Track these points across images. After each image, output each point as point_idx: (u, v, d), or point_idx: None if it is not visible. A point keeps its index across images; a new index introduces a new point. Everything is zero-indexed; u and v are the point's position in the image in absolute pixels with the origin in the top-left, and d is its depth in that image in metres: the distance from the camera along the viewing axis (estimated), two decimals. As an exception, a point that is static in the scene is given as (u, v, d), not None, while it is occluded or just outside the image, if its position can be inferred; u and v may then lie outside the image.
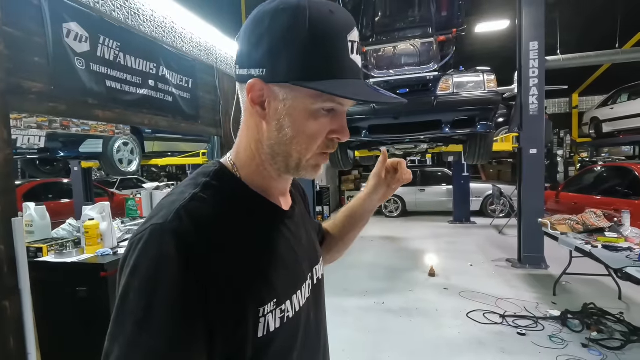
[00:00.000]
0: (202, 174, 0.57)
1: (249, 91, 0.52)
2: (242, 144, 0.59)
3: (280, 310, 0.54)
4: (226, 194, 0.55)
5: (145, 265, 0.45)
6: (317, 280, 0.69)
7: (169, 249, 0.45)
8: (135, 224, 2.90)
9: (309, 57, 0.49)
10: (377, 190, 0.87)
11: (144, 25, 3.27)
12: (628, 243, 2.98)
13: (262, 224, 0.57)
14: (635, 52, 7.36)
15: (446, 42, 3.78)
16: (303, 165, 0.56)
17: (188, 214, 0.49)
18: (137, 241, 0.48)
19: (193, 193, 0.52)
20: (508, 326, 3.17)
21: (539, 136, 4.72)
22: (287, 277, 0.57)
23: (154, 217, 0.50)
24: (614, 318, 3.13)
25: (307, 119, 0.52)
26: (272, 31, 0.50)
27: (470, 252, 5.74)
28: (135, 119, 3.17)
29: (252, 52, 0.52)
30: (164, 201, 0.54)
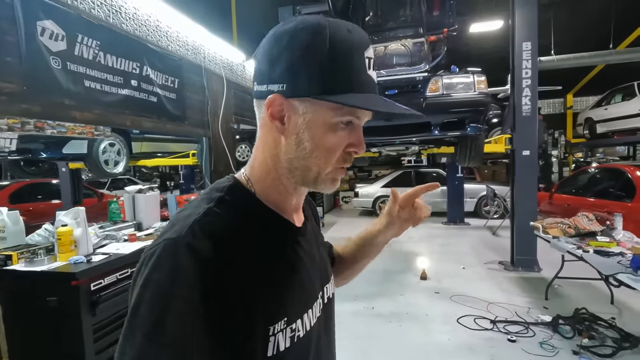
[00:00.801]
0: (216, 189, 0.58)
1: (268, 106, 0.53)
2: (257, 159, 0.59)
3: (290, 329, 0.54)
4: (240, 209, 0.55)
5: (158, 278, 0.46)
6: (327, 299, 0.68)
7: (183, 262, 0.46)
8: (115, 228, 2.81)
9: (329, 73, 0.50)
10: (390, 227, 0.86)
11: (126, 23, 3.17)
12: (620, 247, 2.94)
13: (274, 240, 0.57)
14: (628, 53, 7.36)
15: (437, 42, 3.71)
16: (321, 179, 0.56)
17: (202, 228, 0.49)
18: (150, 255, 0.48)
19: (207, 207, 0.52)
20: (498, 332, 3.12)
21: (532, 137, 4.66)
22: (298, 296, 0.57)
23: (167, 231, 0.51)
24: (605, 323, 3.08)
25: (326, 133, 0.53)
26: (292, 48, 0.51)
27: (463, 254, 5.69)
28: (116, 120, 3.08)
29: (271, 68, 0.53)
30: (178, 216, 0.54)
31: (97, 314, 2.03)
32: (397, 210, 0.85)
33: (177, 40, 3.90)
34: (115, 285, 2.18)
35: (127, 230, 2.88)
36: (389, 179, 9.65)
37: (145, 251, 0.50)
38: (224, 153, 4.64)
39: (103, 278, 2.11)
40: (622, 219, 4.07)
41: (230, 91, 5.04)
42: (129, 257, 2.32)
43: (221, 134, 4.54)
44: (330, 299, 0.70)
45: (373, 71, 0.54)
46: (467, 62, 8.82)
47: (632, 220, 4.04)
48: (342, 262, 0.90)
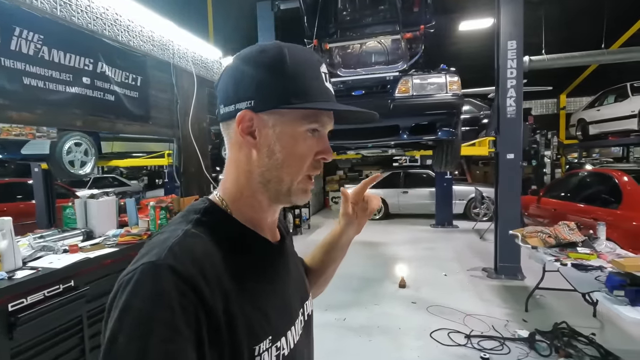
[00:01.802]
0: (192, 211, 0.58)
1: (239, 122, 0.55)
2: (229, 179, 0.60)
3: (275, 347, 0.54)
4: (218, 230, 0.55)
5: (137, 305, 0.44)
6: (307, 316, 0.68)
7: (165, 285, 0.44)
8: (58, 237, 2.61)
9: (293, 84, 0.54)
10: (350, 226, 0.88)
11: (77, 16, 2.96)
12: (600, 260, 2.76)
13: (254, 259, 0.57)
14: (620, 53, 7.19)
15: (414, 40, 3.52)
16: (294, 190, 0.58)
17: (183, 249, 0.48)
18: (127, 282, 0.46)
19: (185, 229, 0.52)
20: (472, 348, 2.94)
21: (517, 140, 4.49)
22: (281, 314, 0.58)
23: (144, 255, 0.49)
24: (585, 339, 2.92)
25: (296, 142, 0.56)
26: (257, 68, 0.55)
27: (447, 259, 5.52)
28: (63, 120, 2.86)
29: (237, 89, 0.56)
30: (154, 240, 0.53)
31: (16, 337, 1.83)
32: (350, 208, 0.86)
33: (140, 35, 3.68)
34: (41, 303, 1.98)
35: (73, 239, 2.68)
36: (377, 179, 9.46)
37: (120, 278, 0.48)
38: (195, 154, 4.43)
39: (26, 297, 1.91)
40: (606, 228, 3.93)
41: (204, 89, 4.82)
42: (62, 272, 2.12)
43: (192, 135, 4.33)
44: (310, 315, 0.70)
45: (329, 84, 0.58)
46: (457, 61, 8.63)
47: (618, 228, 3.87)
48: (313, 272, 0.90)
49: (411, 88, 2.80)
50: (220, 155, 10.59)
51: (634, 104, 7.67)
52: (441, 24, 7.75)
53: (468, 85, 9.20)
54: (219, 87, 0.59)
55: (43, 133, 2.74)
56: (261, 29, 5.07)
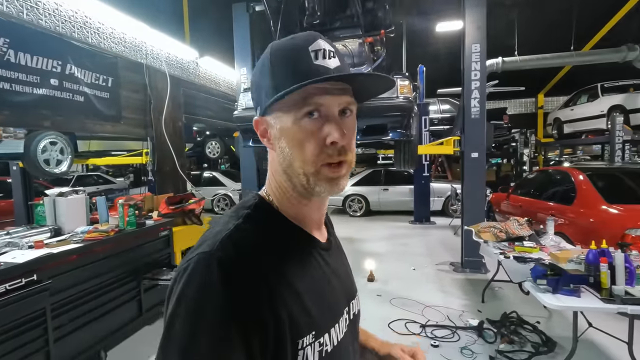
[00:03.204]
0: (242, 206, 0.61)
1: (256, 129, 0.61)
2: (269, 177, 0.64)
3: (319, 343, 0.55)
4: (266, 225, 0.58)
5: (191, 294, 0.48)
6: (353, 315, 0.68)
7: (214, 277, 0.48)
8: (24, 234, 2.71)
9: (277, 78, 0.56)
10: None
11: (44, 19, 3.05)
12: (542, 253, 2.95)
13: (300, 254, 0.59)
14: (588, 55, 7.45)
15: (376, 44, 3.67)
16: (314, 180, 0.56)
17: (233, 243, 0.52)
18: (183, 271, 0.51)
19: (236, 224, 0.55)
20: (425, 337, 3.12)
21: (481, 140, 4.68)
22: (325, 310, 0.58)
23: (199, 246, 0.53)
24: (530, 327, 3.12)
25: (295, 131, 0.56)
26: (255, 75, 0.60)
27: (419, 254, 5.71)
28: (30, 121, 2.96)
29: (253, 99, 0.62)
30: (208, 232, 0.57)
31: (-25, 328, 1.94)
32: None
33: (111, 37, 3.78)
34: (3, 296, 2.09)
35: (40, 236, 2.78)
36: (359, 177, 9.64)
37: (179, 267, 0.53)
38: (169, 153, 4.54)
39: (-14, 290, 2.02)
40: (562, 224, 4.15)
41: (179, 89, 4.92)
42: (24, 267, 2.23)
43: (166, 134, 4.44)
44: (356, 315, 0.70)
45: (324, 59, 0.55)
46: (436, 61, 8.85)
47: (571, 224, 4.09)
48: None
49: (364, 91, 2.94)
50: (204, 152, 10.63)
51: (604, 104, 7.96)
52: (418, 25, 7.95)
53: (447, 85, 9.43)
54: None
55: (10, 133, 2.83)
56: (236, 30, 5.17)
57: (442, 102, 9.49)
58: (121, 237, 3.03)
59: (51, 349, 2.35)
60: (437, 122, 9.31)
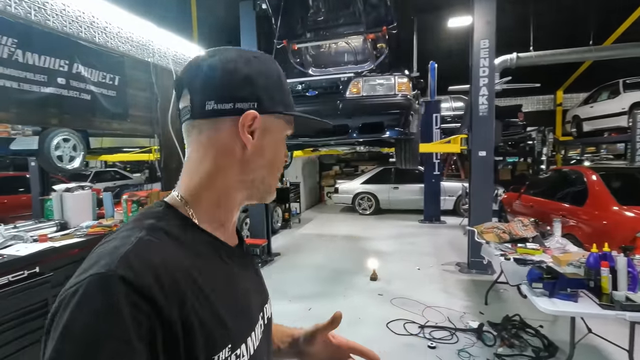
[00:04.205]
0: (146, 215, 0.55)
1: (243, 121, 0.57)
2: (199, 179, 0.58)
3: (235, 355, 0.52)
4: (176, 236, 0.52)
5: (83, 322, 0.40)
6: (267, 319, 0.67)
7: (117, 299, 0.41)
8: (31, 228, 2.81)
9: (288, 94, 0.63)
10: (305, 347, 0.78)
11: (52, 20, 3.15)
12: (545, 255, 2.87)
13: (215, 265, 0.56)
14: (607, 50, 7.14)
15: (378, 40, 3.62)
16: (273, 188, 0.64)
17: (138, 259, 0.45)
18: (71, 296, 0.42)
19: (139, 237, 0.48)
20: (423, 338, 3.08)
21: (489, 138, 4.56)
22: (241, 320, 0.56)
23: (92, 266, 0.44)
24: (532, 331, 3.04)
25: (281, 145, 0.62)
26: (264, 72, 0.59)
27: (425, 254, 5.63)
28: (38, 119, 3.07)
29: (234, 88, 0.57)
30: (102, 248, 0.49)
31: (-23, 318, 2.03)
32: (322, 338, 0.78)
33: (118, 36, 3.87)
34: (6, 287, 2.18)
35: (46, 230, 2.89)
36: (369, 175, 9.58)
37: (62, 293, 0.44)
38: (176, 151, 4.62)
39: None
40: (572, 226, 4.01)
41: (186, 87, 5.00)
42: (27, 259, 2.32)
43: (172, 132, 4.51)
44: (270, 319, 0.69)
45: None
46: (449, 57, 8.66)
47: (582, 225, 3.95)
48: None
49: (362, 89, 2.93)
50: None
51: (625, 101, 7.61)
52: (429, 21, 7.79)
53: (459, 82, 9.22)
54: (201, 82, 0.57)
55: (18, 131, 2.94)
56: (243, 28, 5.21)
57: (454, 100, 9.30)
58: (124, 232, 3.10)
59: (53, 338, 2.43)
60: (450, 120, 9.13)
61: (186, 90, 0.58)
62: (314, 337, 0.77)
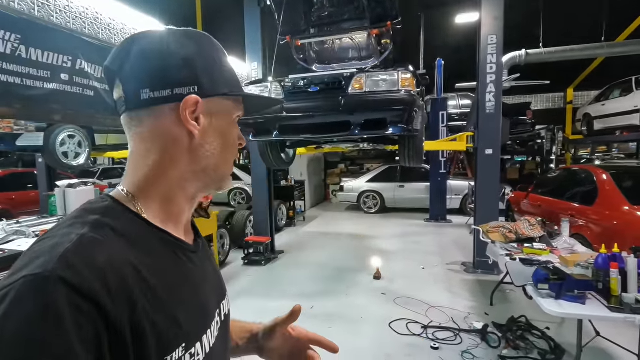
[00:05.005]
0: (89, 210, 0.50)
1: (184, 107, 0.53)
2: (144, 171, 0.54)
3: (190, 354, 0.50)
4: (123, 233, 0.49)
5: (14, 329, 0.36)
6: (224, 316, 0.65)
7: (56, 302, 0.37)
8: (33, 223, 2.83)
9: (231, 73, 0.58)
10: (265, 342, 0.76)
11: (55, 16, 3.15)
12: (552, 255, 2.79)
13: (167, 262, 0.52)
14: (620, 47, 6.97)
15: (382, 36, 3.56)
16: (227, 176, 0.61)
17: (80, 258, 0.41)
18: (1, 299, 0.38)
19: (81, 234, 0.44)
20: (426, 338, 3.03)
21: (495, 136, 4.48)
22: (196, 317, 0.54)
23: (27, 265, 0.40)
24: (538, 333, 2.97)
25: (232, 128, 0.59)
26: (199, 53, 0.55)
27: (430, 253, 5.57)
28: (42, 114, 3.08)
29: (169, 72, 0.53)
30: (38, 247, 0.44)
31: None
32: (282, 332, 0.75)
33: (122, 32, 3.87)
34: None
35: (48, 225, 2.90)
36: (374, 173, 9.51)
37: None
38: (180, 147, 4.63)
39: (-10, 275, 2.13)
40: (575, 226, 3.92)
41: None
42: (27, 254, 2.33)
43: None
44: (227, 315, 0.67)
45: None
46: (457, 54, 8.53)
47: (592, 225, 3.86)
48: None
49: (364, 85, 2.88)
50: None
51: (638, 99, 7.43)
52: (436, 17, 7.70)
53: (466, 79, 9.09)
54: (132, 70, 0.53)
55: (21, 127, 2.96)
56: (248, 24, 5.18)
57: (461, 97, 9.18)
58: (125, 228, 3.11)
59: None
60: (457, 118, 9.02)
61: (118, 80, 0.54)
62: (274, 332, 0.75)
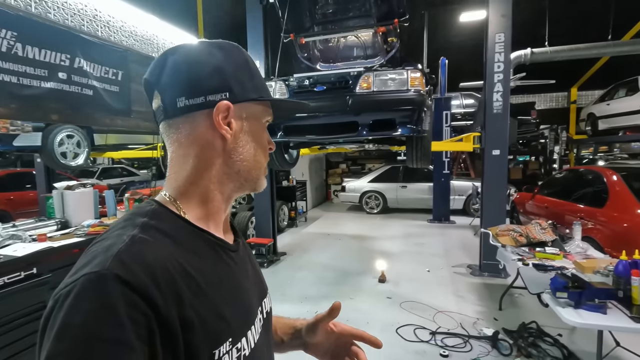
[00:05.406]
0: (138, 214, 0.54)
1: (217, 113, 0.56)
2: (183, 175, 0.58)
3: (236, 349, 0.53)
4: (169, 233, 0.52)
5: (79, 322, 0.39)
6: (266, 314, 0.67)
7: (111, 297, 0.41)
8: (30, 227, 2.74)
9: (259, 80, 0.62)
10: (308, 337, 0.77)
11: (53, 13, 3.06)
12: (566, 260, 2.71)
13: (210, 261, 0.55)
14: (627, 45, 6.87)
15: (389, 34, 3.47)
16: (261, 177, 0.63)
17: (132, 257, 0.45)
18: (65, 296, 0.41)
19: (132, 235, 0.48)
20: (435, 345, 2.95)
21: (503, 136, 4.39)
22: (241, 314, 0.57)
23: (86, 265, 0.44)
24: (551, 340, 2.88)
25: (262, 131, 0.62)
26: (229, 62, 0.58)
27: (435, 255, 5.48)
28: (39, 114, 2.98)
29: (202, 81, 0.56)
30: (95, 247, 0.48)
31: (-28, 320, 1.95)
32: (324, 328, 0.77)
33: (121, 30, 3.77)
34: (1, 289, 2.10)
35: (45, 228, 2.81)
36: (376, 173, 9.42)
37: (56, 293, 0.43)
38: (180, 147, 4.54)
39: (-16, 282, 2.04)
40: (591, 228, 3.83)
41: (192, 83, 4.89)
42: (23, 260, 2.24)
43: (177, 128, 4.43)
44: (269, 312, 0.69)
45: None
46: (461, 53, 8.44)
47: (602, 228, 3.77)
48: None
49: (372, 84, 2.78)
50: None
51: (644, 99, 7.34)
52: (440, 16, 7.59)
53: (470, 79, 8.99)
54: (168, 80, 0.56)
55: (17, 127, 2.86)
56: (250, 22, 5.08)
57: (465, 97, 9.08)
58: (125, 232, 3.02)
59: (51, 341, 2.36)
60: (460, 118, 8.93)
61: (156, 91, 0.58)
62: (315, 328, 0.76)
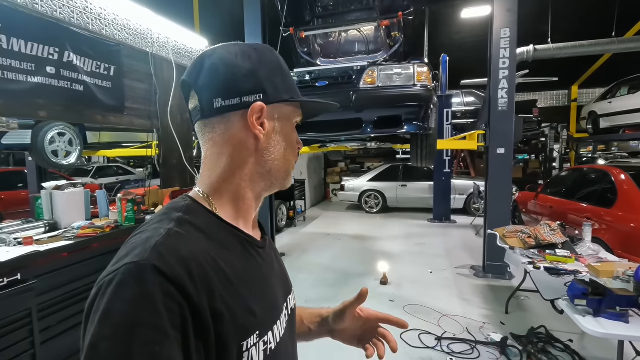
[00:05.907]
0: (174, 209, 0.57)
1: (251, 114, 0.58)
2: (216, 173, 0.60)
3: (263, 342, 0.55)
4: (202, 228, 0.54)
5: (120, 308, 0.42)
6: (291, 310, 0.70)
7: (151, 287, 0.43)
8: (15, 229, 2.59)
9: (291, 81, 0.64)
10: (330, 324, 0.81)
11: (40, 3, 2.90)
12: (578, 264, 2.60)
13: (240, 256, 0.57)
14: (631, 42, 6.77)
15: (391, 28, 3.34)
16: (289, 175, 0.65)
17: (168, 249, 0.47)
18: (108, 283, 0.45)
19: (168, 229, 0.51)
20: (441, 351, 2.83)
21: (508, 134, 4.28)
22: (267, 308, 0.58)
23: (127, 255, 0.47)
24: (561, 345, 2.77)
25: (291, 132, 0.65)
26: (263, 64, 0.60)
27: (437, 256, 5.37)
28: (25, 110, 2.83)
29: (238, 82, 0.58)
30: (135, 239, 0.52)
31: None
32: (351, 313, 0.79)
33: (114, 23, 3.61)
34: (-20, 297, 1.96)
35: (32, 231, 2.67)
36: (376, 172, 9.30)
37: (100, 280, 0.46)
38: (176, 146, 4.38)
39: (-36, 290, 1.90)
40: (599, 229, 3.73)
41: (188, 79, 4.74)
42: (6, 265, 2.09)
43: (172, 126, 4.26)
44: (293, 309, 0.71)
45: None
46: (462, 51, 8.33)
47: (611, 229, 3.67)
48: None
49: (377, 79, 2.65)
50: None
51: (647, 97, 7.26)
52: (441, 12, 7.47)
53: (472, 76, 8.89)
54: (206, 82, 0.58)
55: (2, 124, 2.72)
56: (248, 17, 4.94)
57: (466, 94, 8.97)
58: (117, 234, 2.88)
59: (37, 351, 2.22)
60: (461, 115, 8.82)
61: (193, 92, 0.60)
62: (343, 314, 0.78)
